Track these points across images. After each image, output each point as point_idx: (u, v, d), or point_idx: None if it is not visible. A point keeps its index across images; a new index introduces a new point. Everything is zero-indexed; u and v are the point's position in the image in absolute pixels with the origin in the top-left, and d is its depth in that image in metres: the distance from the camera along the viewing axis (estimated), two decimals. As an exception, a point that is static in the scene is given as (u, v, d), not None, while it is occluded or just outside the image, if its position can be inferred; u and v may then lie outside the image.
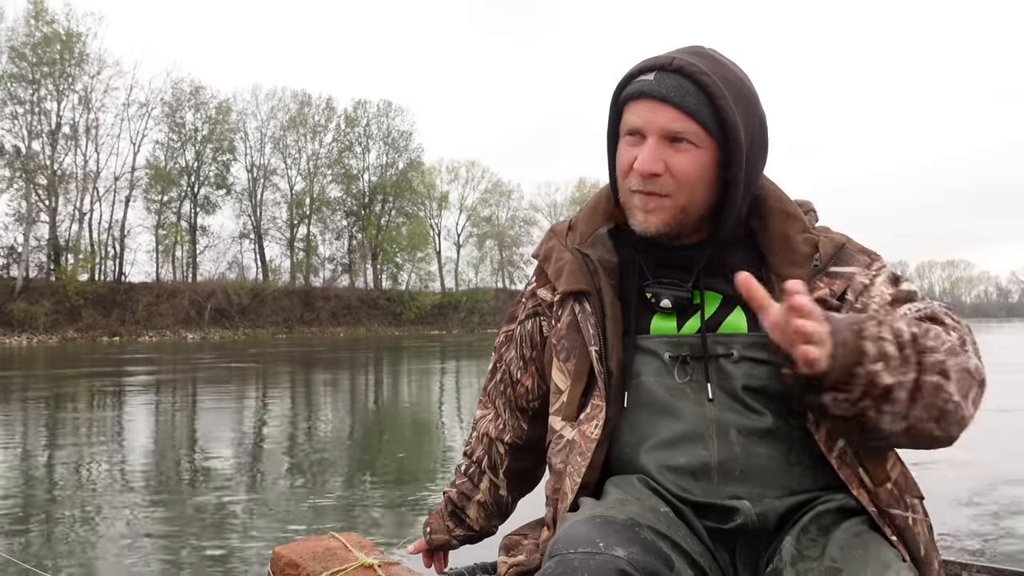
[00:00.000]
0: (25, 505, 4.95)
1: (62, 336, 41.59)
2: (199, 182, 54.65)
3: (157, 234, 52.37)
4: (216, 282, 52.01)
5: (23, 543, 4.13)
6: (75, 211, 48.34)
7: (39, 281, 44.91)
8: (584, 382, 1.10)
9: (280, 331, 50.26)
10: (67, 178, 47.97)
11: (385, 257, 62.09)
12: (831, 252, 1.08)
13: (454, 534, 1.40)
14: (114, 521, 4.50)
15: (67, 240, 47.90)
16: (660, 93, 1.03)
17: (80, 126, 48.49)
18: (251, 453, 6.93)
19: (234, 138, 56.38)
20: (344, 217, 62.34)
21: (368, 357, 24.23)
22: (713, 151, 1.04)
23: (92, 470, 6.12)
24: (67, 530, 4.40)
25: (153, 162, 52.25)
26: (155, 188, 52.29)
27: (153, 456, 6.85)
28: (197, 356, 24.67)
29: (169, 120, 53.33)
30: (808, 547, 0.95)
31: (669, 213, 1.06)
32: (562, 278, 1.15)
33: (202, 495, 5.19)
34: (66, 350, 31.54)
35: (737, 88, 1.05)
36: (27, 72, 46.09)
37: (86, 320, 44.00)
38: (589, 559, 0.87)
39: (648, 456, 1.06)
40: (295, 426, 8.59)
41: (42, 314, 41.93)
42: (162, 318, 46.83)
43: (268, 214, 59.22)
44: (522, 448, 1.32)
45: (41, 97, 46.84)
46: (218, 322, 48.79)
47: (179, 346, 36.06)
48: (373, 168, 63.46)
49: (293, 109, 59.42)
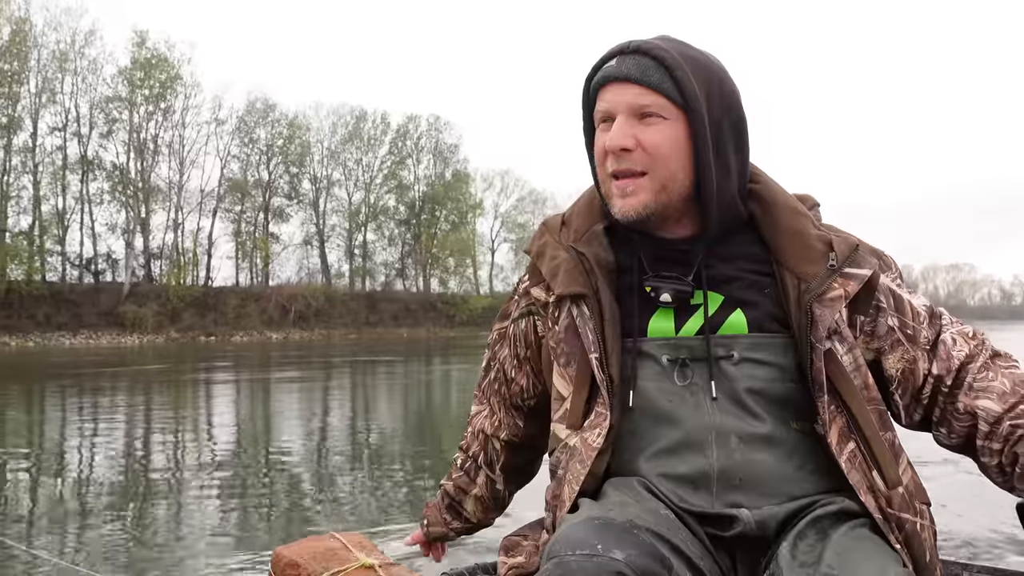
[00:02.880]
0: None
1: (166, 336, 45.71)
2: (271, 193, 58.96)
3: (237, 241, 56.78)
4: (296, 286, 56.34)
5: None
6: (169, 221, 52.68)
7: (142, 286, 49.11)
8: (587, 389, 1.08)
9: (350, 332, 54.40)
10: (160, 192, 52.28)
11: (435, 263, 66.40)
12: (847, 253, 1.06)
13: (451, 526, 1.40)
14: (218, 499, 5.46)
15: (161, 248, 52.26)
16: (622, 73, 1.05)
17: (173, 143, 52.83)
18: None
19: (302, 152, 60.66)
20: (397, 225, 66.60)
21: (451, 352, 28.12)
22: (683, 123, 1.04)
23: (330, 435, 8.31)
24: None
25: (231, 176, 56.60)
26: (234, 199, 56.62)
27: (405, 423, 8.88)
28: (330, 354, 28.10)
29: (245, 136, 57.67)
30: (805, 552, 0.94)
31: (648, 193, 1.05)
32: (558, 279, 1.11)
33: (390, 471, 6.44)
34: (183, 348, 35.34)
35: (697, 61, 1.06)
36: (128, 95, 50.42)
37: (186, 322, 48.15)
38: (587, 561, 0.86)
39: (648, 464, 1.05)
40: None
41: (149, 316, 46.15)
42: (249, 319, 51.03)
43: (329, 222, 63.56)
44: (518, 445, 1.32)
45: (142, 117, 51.14)
46: (295, 323, 53.02)
47: (273, 345, 40.07)
48: (423, 179, 67.74)
49: (351, 124, 63.71)
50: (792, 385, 1.04)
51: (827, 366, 1.02)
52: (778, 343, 1.05)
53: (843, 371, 1.03)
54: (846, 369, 1.03)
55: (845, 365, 1.03)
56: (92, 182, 49.84)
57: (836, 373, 1.02)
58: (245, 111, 57.12)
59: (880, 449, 1.02)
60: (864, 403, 1.03)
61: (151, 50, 50.68)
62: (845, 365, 1.03)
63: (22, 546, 4.15)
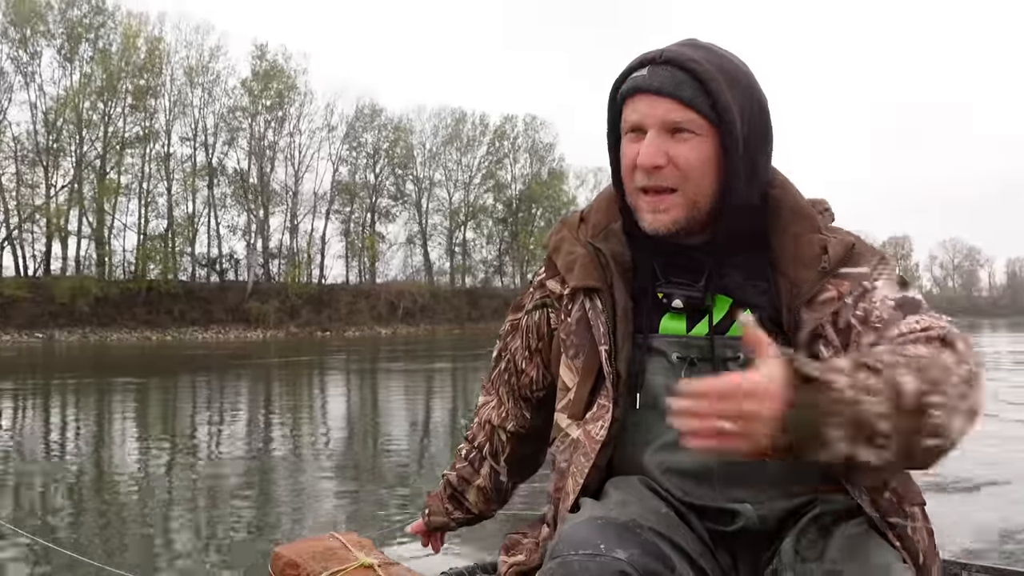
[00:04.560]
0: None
1: (286, 331, 48.70)
2: (378, 194, 61.72)
3: (347, 241, 59.79)
4: (403, 283, 58.99)
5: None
6: (286, 223, 56.10)
7: (263, 284, 52.47)
8: (592, 381, 1.09)
9: (454, 327, 56.40)
10: (277, 195, 55.68)
11: (532, 259, 67.82)
12: (840, 253, 1.05)
13: (453, 516, 1.39)
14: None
15: (279, 248, 55.72)
16: (655, 86, 1.03)
17: (290, 150, 56.23)
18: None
19: (406, 155, 63.20)
20: (495, 223, 68.43)
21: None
22: (714, 139, 1.03)
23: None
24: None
25: (341, 179, 59.62)
26: (343, 200, 59.63)
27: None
28: (436, 350, 29.14)
29: (353, 141, 60.59)
30: (808, 549, 0.95)
31: (680, 210, 1.05)
32: (574, 272, 1.13)
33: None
34: (301, 342, 37.51)
35: (730, 72, 1.05)
36: (248, 104, 53.96)
37: (304, 317, 51.10)
38: (590, 561, 0.87)
39: (652, 458, 1.06)
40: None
41: (271, 312, 49.32)
42: (360, 315, 53.67)
43: (431, 221, 65.93)
44: (524, 436, 1.32)
45: (261, 126, 54.64)
46: (402, 319, 55.46)
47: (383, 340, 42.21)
48: (520, 177, 69.31)
49: (451, 126, 65.82)
50: None
51: None
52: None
53: None
54: None
55: None
56: (216, 187, 53.68)
57: None
58: (354, 117, 60.11)
59: None
60: None
61: (270, 62, 54.17)
62: None
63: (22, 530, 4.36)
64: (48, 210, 46.56)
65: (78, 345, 38.04)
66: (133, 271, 49.31)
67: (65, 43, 47.18)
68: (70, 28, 47.23)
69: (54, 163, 47.42)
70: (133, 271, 49.31)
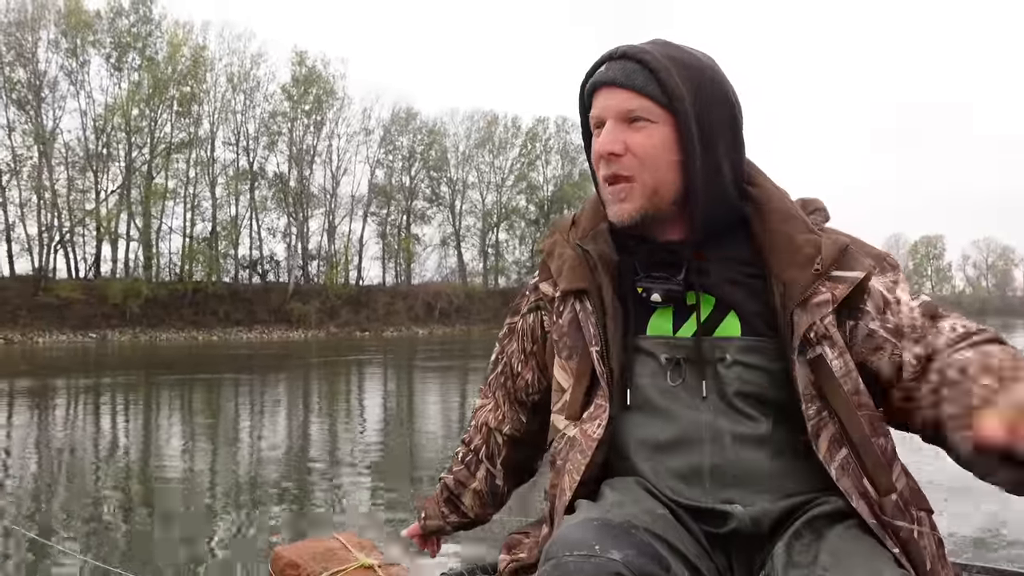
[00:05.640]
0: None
1: (327, 331, 49.74)
2: (413, 197, 62.71)
3: (383, 243, 60.86)
4: (439, 284, 59.98)
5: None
6: (325, 225, 57.27)
7: (304, 286, 53.61)
8: (587, 382, 1.10)
9: (490, 327, 57.00)
10: (315, 198, 56.87)
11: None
12: (833, 255, 1.04)
13: (448, 520, 1.40)
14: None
15: (318, 250, 56.92)
16: (609, 78, 1.07)
17: (328, 154, 57.41)
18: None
19: (440, 157, 64.13)
20: (528, 225, 69.07)
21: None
22: (671, 125, 1.05)
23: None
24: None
25: (377, 182, 60.68)
26: (380, 203, 60.66)
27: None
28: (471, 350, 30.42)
29: (389, 144, 61.62)
30: (800, 552, 0.95)
31: (639, 199, 1.06)
32: (563, 275, 1.14)
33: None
34: (340, 342, 38.28)
35: (682, 61, 1.06)
36: (288, 109, 55.18)
37: (343, 318, 52.18)
38: (585, 562, 0.87)
39: (643, 458, 1.07)
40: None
41: (312, 313, 50.42)
42: (397, 316, 54.62)
43: (464, 223, 66.77)
44: (520, 440, 1.33)
45: (300, 130, 55.85)
46: (438, 319, 56.34)
47: (421, 339, 43.08)
48: (552, 179, 69.92)
49: (483, 129, 66.59)
50: (783, 389, 1.03)
51: (815, 372, 1.01)
52: (769, 347, 1.05)
53: (832, 377, 1.01)
54: (835, 375, 1.01)
55: (835, 370, 1.01)
56: (257, 190, 54.93)
57: (824, 379, 1.01)
58: (390, 120, 61.18)
59: (871, 456, 1.00)
60: (854, 409, 1.01)
61: (309, 68, 55.37)
62: (835, 370, 1.01)
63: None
64: (98, 214, 48.05)
65: (129, 344, 39.33)
66: (179, 273, 50.73)
67: (113, 52, 48.65)
68: (118, 37, 48.71)
69: (104, 168, 48.99)
70: (179, 273, 50.73)
